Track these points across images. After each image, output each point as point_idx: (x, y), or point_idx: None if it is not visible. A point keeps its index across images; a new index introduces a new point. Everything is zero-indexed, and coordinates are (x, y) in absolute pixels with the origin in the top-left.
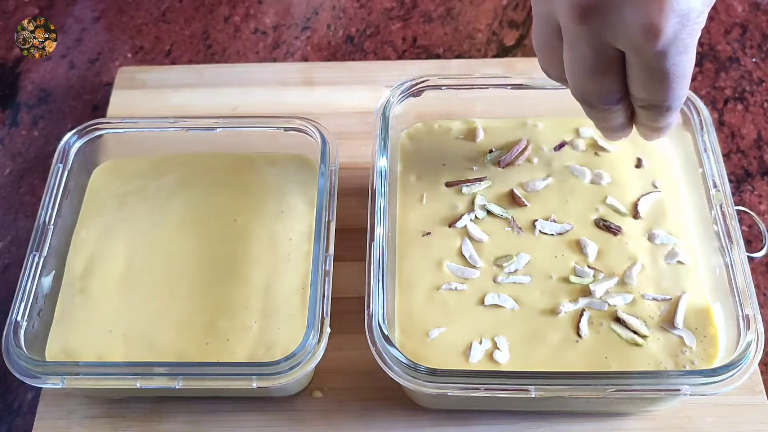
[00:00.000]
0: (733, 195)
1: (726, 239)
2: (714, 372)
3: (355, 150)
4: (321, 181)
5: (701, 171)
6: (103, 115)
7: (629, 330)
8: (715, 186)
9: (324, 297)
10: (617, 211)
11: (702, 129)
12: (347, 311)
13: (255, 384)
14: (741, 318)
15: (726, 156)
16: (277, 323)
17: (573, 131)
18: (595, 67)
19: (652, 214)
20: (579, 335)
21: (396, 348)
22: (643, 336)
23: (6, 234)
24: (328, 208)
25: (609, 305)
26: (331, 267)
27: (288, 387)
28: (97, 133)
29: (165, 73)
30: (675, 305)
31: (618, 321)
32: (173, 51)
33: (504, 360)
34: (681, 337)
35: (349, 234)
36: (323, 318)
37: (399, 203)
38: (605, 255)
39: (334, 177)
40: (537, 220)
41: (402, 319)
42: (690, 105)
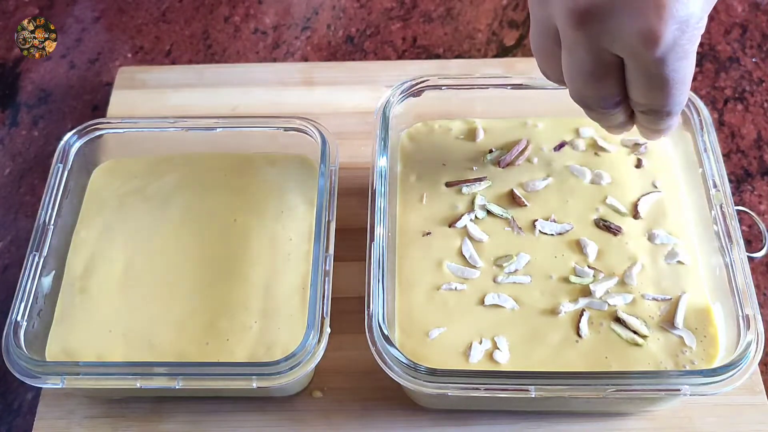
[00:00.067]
0: (733, 195)
1: (726, 239)
2: (714, 372)
3: (355, 150)
4: (321, 181)
5: (701, 171)
6: (103, 115)
7: (629, 330)
8: (715, 186)
9: (324, 297)
10: (617, 211)
11: (702, 129)
12: (347, 311)
13: (255, 384)
14: (741, 318)
15: (726, 156)
16: (277, 323)
17: (573, 131)
18: (594, 73)
19: (652, 214)
20: (579, 335)
21: (396, 348)
22: (643, 336)
23: (6, 234)
24: (328, 208)
25: (609, 305)
26: (331, 267)
27: (288, 387)
28: (97, 133)
29: (165, 73)
30: (675, 305)
31: (618, 321)
32: (173, 51)
33: (504, 360)
34: (681, 337)
35: (349, 234)
36: (323, 318)
37: (399, 203)
38: (605, 255)
39: (334, 177)
40: (537, 220)
41: (402, 319)
42: (690, 105)
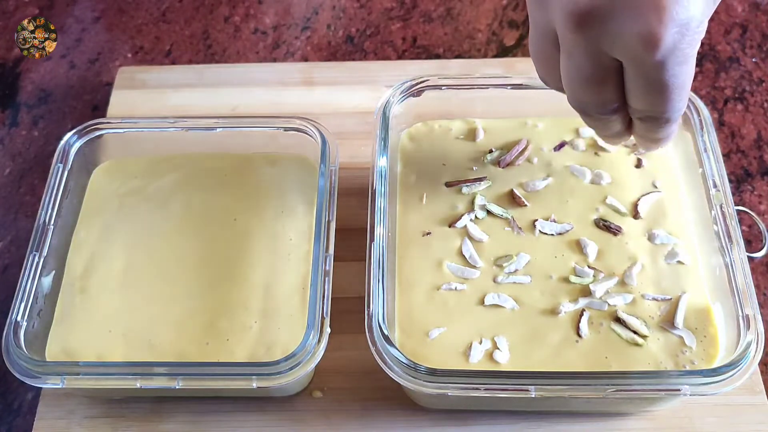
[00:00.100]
0: (733, 195)
1: (726, 239)
2: (714, 372)
3: (355, 150)
4: (321, 181)
5: (701, 171)
6: (103, 115)
7: (629, 330)
8: (715, 186)
9: (324, 297)
10: (617, 211)
11: (702, 129)
12: (347, 311)
13: (255, 384)
14: (741, 318)
15: (726, 156)
16: (277, 323)
17: (573, 131)
18: (592, 77)
19: (652, 214)
20: (579, 335)
21: (396, 348)
22: (643, 336)
23: (6, 234)
24: (328, 208)
25: (609, 305)
26: (331, 267)
27: (288, 387)
28: (97, 133)
29: (165, 73)
30: (675, 305)
31: (618, 321)
32: (173, 51)
33: (504, 360)
34: (681, 337)
35: (349, 234)
36: (323, 318)
37: (399, 203)
38: (605, 255)
39: (334, 177)
40: (537, 220)
41: (402, 319)
42: (690, 105)
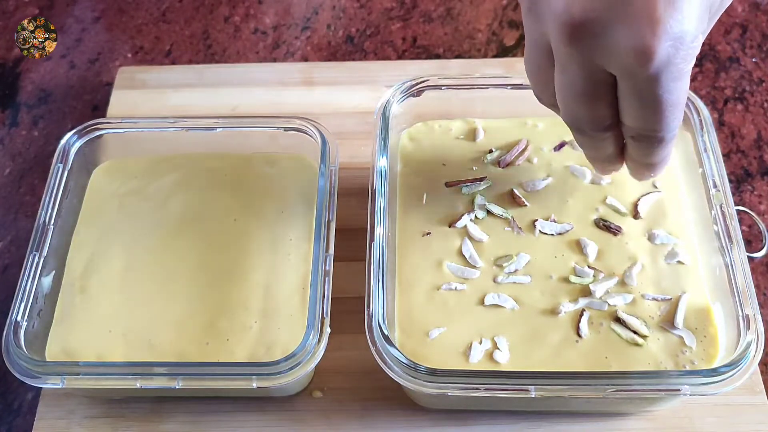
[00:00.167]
0: (733, 195)
1: (726, 239)
2: (714, 372)
3: (355, 150)
4: (321, 181)
5: (701, 171)
6: (103, 115)
7: (629, 330)
8: (715, 186)
9: (324, 297)
10: (617, 211)
11: (702, 129)
12: (347, 311)
13: (255, 384)
14: (741, 318)
15: (726, 156)
16: (277, 323)
17: None
18: (586, 91)
19: (652, 214)
20: (579, 335)
21: (396, 348)
22: (643, 336)
23: (6, 234)
24: (328, 208)
25: (609, 305)
26: (331, 267)
27: (288, 387)
28: (97, 133)
29: (165, 73)
30: (675, 305)
31: (618, 321)
32: (173, 51)
33: (504, 360)
34: (681, 337)
35: (349, 234)
36: (323, 318)
37: (399, 203)
38: (605, 255)
39: (334, 177)
40: (537, 220)
41: (402, 319)
42: (690, 105)
